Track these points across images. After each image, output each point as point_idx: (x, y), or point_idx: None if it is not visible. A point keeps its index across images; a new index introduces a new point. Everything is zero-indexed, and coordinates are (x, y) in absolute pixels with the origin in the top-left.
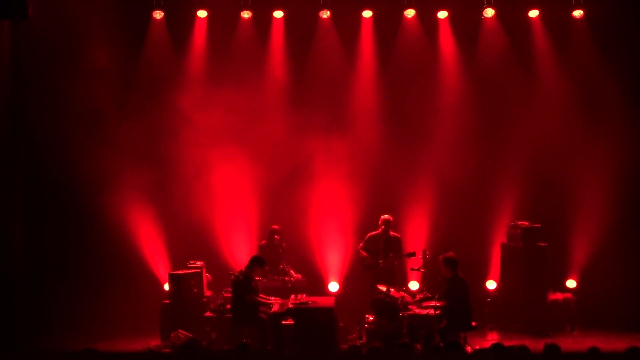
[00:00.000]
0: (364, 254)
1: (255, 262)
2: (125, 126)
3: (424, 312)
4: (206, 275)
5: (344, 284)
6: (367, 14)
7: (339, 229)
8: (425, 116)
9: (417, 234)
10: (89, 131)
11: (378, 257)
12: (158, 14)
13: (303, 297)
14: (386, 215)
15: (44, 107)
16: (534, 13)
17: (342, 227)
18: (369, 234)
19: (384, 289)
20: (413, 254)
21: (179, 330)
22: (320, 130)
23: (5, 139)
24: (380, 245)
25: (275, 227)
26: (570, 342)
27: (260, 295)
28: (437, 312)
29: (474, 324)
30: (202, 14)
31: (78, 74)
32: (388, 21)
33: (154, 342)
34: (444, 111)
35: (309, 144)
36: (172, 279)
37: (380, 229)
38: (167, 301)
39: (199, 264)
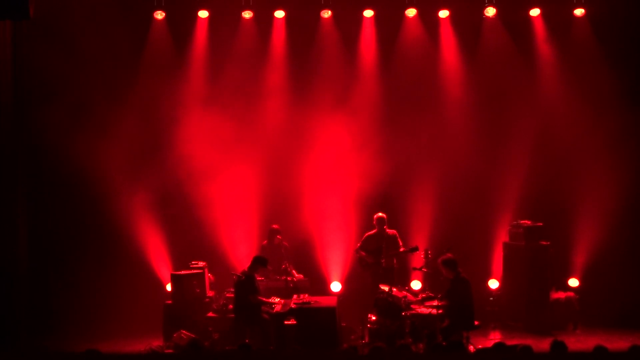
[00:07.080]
0: (362, 253)
1: (258, 262)
2: (128, 126)
3: (427, 311)
4: (208, 276)
5: (346, 284)
6: (368, 13)
7: (341, 228)
8: (426, 115)
9: (419, 232)
10: (92, 131)
11: (379, 257)
12: (159, 15)
13: (305, 297)
14: (380, 213)
15: (46, 106)
16: (535, 12)
17: (344, 226)
18: (366, 234)
19: (386, 288)
20: (416, 249)
21: (182, 331)
22: (322, 131)
23: (8, 138)
24: (380, 245)
25: (276, 226)
26: (573, 341)
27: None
28: (440, 311)
29: (476, 323)
30: (203, 14)
31: (80, 75)
32: (389, 20)
33: (157, 343)
34: (445, 110)
35: (310, 144)
36: (175, 279)
37: (376, 229)
38: (170, 302)
39: (201, 264)
